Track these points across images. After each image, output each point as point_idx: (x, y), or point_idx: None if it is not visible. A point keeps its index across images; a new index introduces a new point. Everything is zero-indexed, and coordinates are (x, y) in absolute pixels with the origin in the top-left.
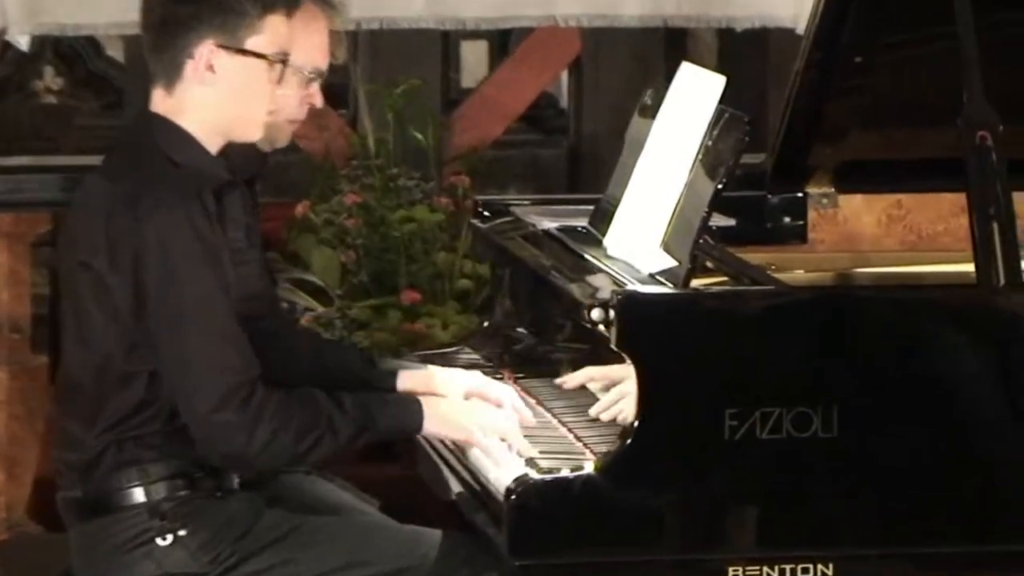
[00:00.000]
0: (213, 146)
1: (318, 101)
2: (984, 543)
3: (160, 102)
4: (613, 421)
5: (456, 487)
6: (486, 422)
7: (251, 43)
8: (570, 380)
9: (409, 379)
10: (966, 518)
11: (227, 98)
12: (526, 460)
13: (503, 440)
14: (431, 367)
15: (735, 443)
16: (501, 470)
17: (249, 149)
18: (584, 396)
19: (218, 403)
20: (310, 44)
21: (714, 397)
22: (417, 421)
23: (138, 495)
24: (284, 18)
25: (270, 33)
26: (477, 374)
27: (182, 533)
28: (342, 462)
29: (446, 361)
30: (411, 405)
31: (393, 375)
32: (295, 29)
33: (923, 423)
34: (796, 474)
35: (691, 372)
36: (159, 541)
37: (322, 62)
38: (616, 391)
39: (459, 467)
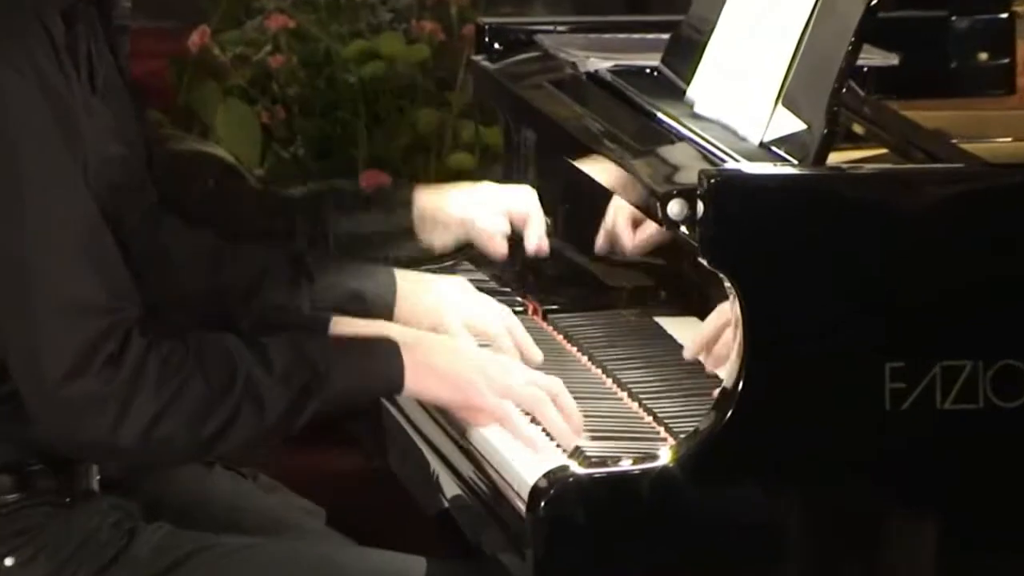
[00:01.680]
0: None
1: None
2: None
3: None
4: (706, 377)
5: (451, 488)
6: (515, 379)
7: None
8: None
9: (348, 322)
10: None
11: None
12: (562, 442)
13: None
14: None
15: (901, 416)
16: (524, 460)
17: None
18: (656, 341)
19: (76, 363)
20: None
21: (867, 343)
22: (393, 377)
23: None
24: None
25: None
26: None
27: (8, 562)
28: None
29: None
30: (382, 351)
31: (324, 320)
32: None
33: None
34: (1001, 468)
35: (829, 302)
36: None
37: None
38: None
39: (457, 455)
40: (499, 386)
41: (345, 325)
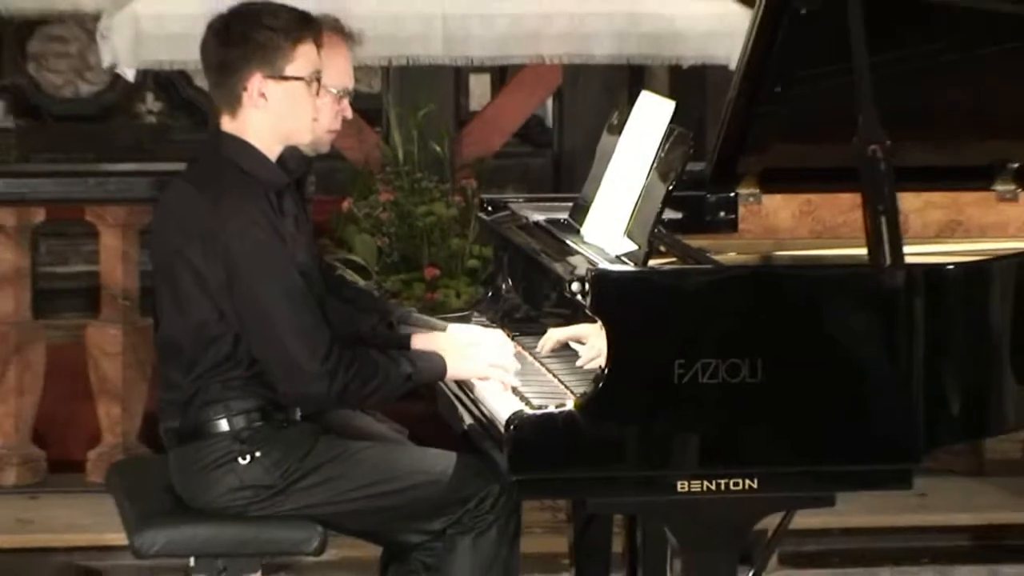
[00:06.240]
0: (272, 153)
1: (348, 113)
2: (858, 463)
3: (228, 124)
4: (590, 367)
5: (467, 420)
6: (491, 358)
7: (290, 70)
8: (548, 342)
9: (420, 340)
10: (847, 444)
11: (279, 115)
12: (521, 398)
13: (502, 378)
14: (435, 333)
15: (682, 386)
16: (502, 407)
17: (298, 155)
18: (565, 349)
19: (308, 357)
20: (335, 68)
21: (666, 351)
22: (443, 369)
23: (223, 425)
24: (312, 45)
25: (302, 59)
26: (472, 326)
27: (258, 454)
28: None
29: (459, 322)
30: (436, 358)
31: (407, 338)
32: (323, 56)
33: (823, 371)
34: (728, 410)
35: (648, 331)
36: (240, 460)
37: (348, 81)
38: (594, 348)
39: (469, 404)
40: (490, 364)
41: (419, 341)
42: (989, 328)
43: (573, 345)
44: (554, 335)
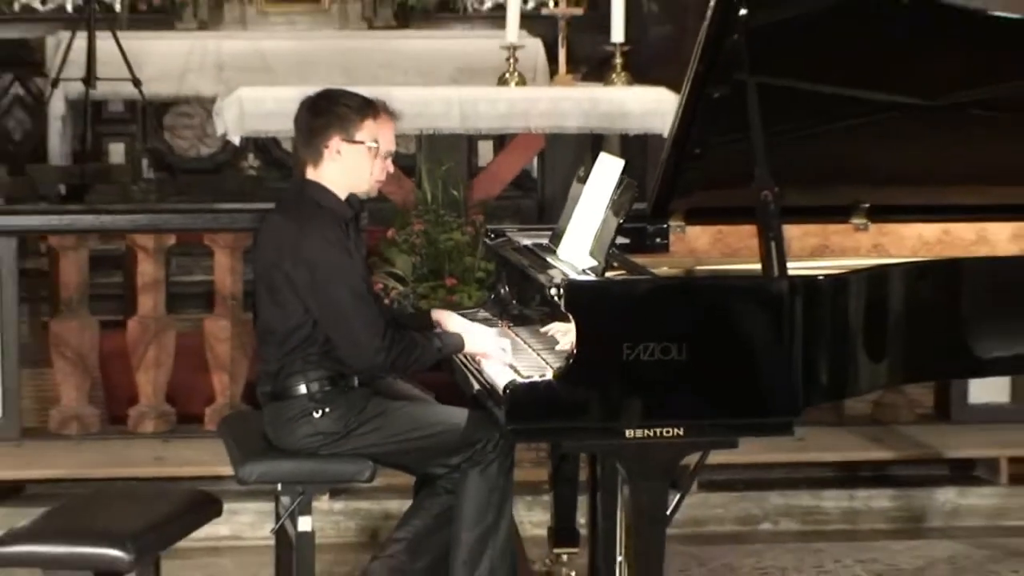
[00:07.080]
0: (342, 195)
1: (391, 168)
2: (754, 417)
3: (310, 173)
4: (563, 348)
5: (476, 386)
6: (495, 344)
7: (358, 136)
8: (551, 329)
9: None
10: (747, 404)
11: (349, 168)
12: (513, 371)
13: (499, 357)
14: (452, 321)
15: (629, 363)
16: (500, 377)
17: (356, 198)
18: (546, 337)
19: (380, 341)
20: (384, 136)
21: (618, 336)
22: (462, 344)
23: (302, 389)
24: (372, 120)
25: (367, 129)
26: (476, 324)
27: (327, 410)
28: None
29: (471, 316)
30: (456, 336)
31: (432, 327)
32: (377, 128)
33: (729, 352)
34: (662, 380)
35: (605, 323)
36: (314, 414)
37: (392, 146)
38: (567, 335)
39: (477, 374)
40: (489, 347)
41: (444, 323)
42: (847, 321)
43: (554, 334)
44: (555, 326)
